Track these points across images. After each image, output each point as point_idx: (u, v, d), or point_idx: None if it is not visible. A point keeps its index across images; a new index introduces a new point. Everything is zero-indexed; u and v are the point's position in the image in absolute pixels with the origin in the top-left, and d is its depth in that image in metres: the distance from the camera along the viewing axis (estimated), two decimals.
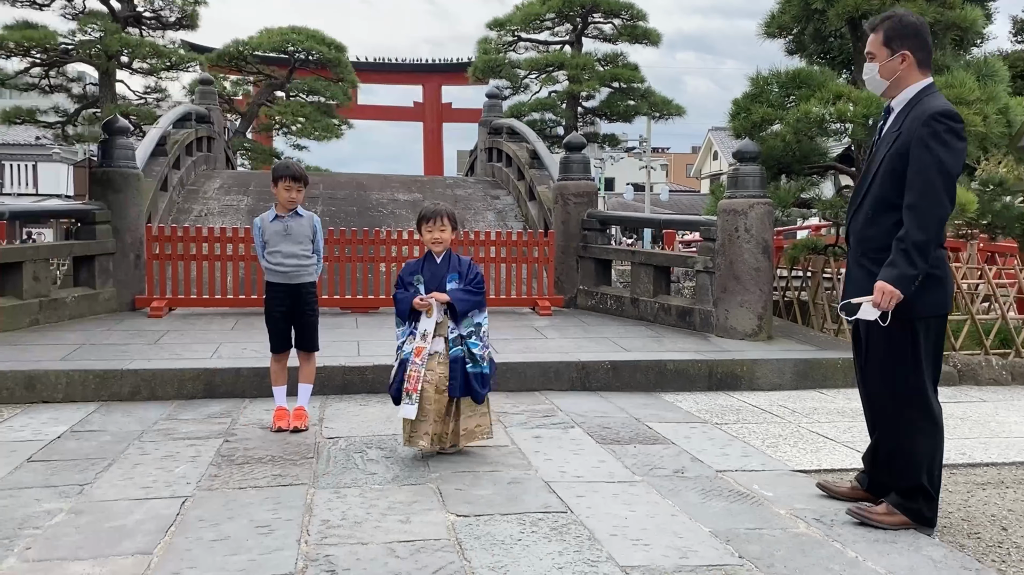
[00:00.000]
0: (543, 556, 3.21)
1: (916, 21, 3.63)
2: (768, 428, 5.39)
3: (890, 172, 3.51)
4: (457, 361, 4.47)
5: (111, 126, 9.35)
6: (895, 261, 3.40)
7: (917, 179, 3.40)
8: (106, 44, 19.24)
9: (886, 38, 3.60)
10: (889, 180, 3.51)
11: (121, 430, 5.07)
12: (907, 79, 3.59)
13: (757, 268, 7.74)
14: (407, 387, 4.41)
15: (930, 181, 3.38)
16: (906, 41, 3.57)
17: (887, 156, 3.54)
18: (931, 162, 3.38)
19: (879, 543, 3.42)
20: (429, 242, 4.63)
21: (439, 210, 4.62)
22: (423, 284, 4.55)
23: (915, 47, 3.57)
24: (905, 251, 3.38)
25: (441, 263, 4.62)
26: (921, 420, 3.54)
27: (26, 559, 3.16)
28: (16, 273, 7.77)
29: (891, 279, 3.40)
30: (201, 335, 7.59)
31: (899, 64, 3.58)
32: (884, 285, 3.41)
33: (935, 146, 3.39)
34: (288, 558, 3.17)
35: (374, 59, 37.88)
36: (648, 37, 20.89)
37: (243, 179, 13.99)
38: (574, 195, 10.20)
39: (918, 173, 3.40)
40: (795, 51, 10.09)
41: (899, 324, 3.47)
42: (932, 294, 3.48)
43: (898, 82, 3.61)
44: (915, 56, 3.57)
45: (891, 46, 3.59)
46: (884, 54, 3.61)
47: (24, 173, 40.69)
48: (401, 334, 4.61)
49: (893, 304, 3.41)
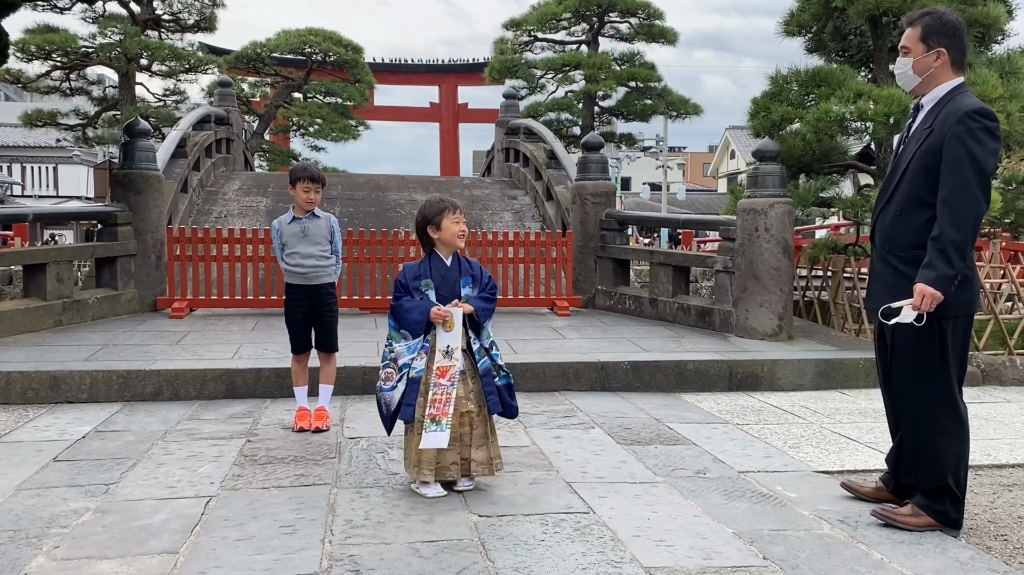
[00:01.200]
0: (566, 557, 3.21)
1: (955, 20, 3.59)
2: (790, 429, 5.36)
3: (921, 169, 3.48)
4: (488, 374, 3.98)
5: (132, 128, 9.43)
6: (932, 262, 3.35)
7: (952, 176, 3.37)
8: (126, 47, 19.41)
9: (924, 33, 3.57)
10: (922, 177, 3.47)
11: (145, 430, 5.12)
12: (940, 77, 3.56)
13: (777, 268, 7.70)
14: (433, 412, 3.79)
15: (965, 178, 3.35)
16: (944, 39, 3.54)
17: (917, 153, 3.51)
18: (966, 159, 3.35)
19: (905, 545, 3.39)
20: (456, 235, 3.99)
21: (455, 202, 4.07)
22: (433, 290, 3.96)
23: (951, 46, 3.54)
24: (942, 250, 3.34)
25: (452, 265, 4.03)
26: (947, 420, 3.51)
27: (55, 558, 3.19)
28: (40, 275, 7.86)
29: (930, 281, 3.35)
30: (222, 336, 7.64)
31: (933, 61, 3.55)
32: (924, 287, 3.36)
33: (970, 143, 3.35)
34: (313, 558, 3.19)
35: (391, 60, 38.00)
36: (665, 36, 20.83)
37: (262, 180, 14.07)
38: (592, 195, 10.19)
39: (953, 171, 3.37)
40: (814, 49, 10.03)
41: (926, 323, 3.44)
42: (961, 293, 3.44)
43: (930, 79, 3.58)
44: (950, 55, 3.54)
45: (928, 42, 3.55)
46: (920, 50, 3.57)
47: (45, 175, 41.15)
48: (408, 350, 3.91)
49: (934, 306, 3.37)
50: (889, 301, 3.51)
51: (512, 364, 6.45)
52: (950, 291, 3.36)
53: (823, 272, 9.87)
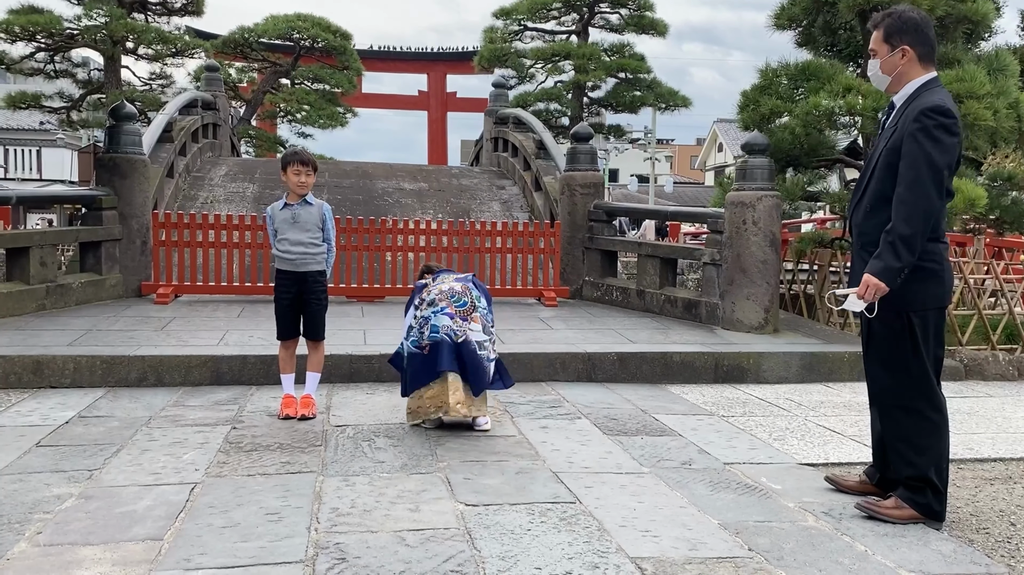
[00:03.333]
0: (553, 546, 3.22)
1: (916, 16, 3.65)
2: (775, 421, 5.39)
3: (886, 167, 3.56)
4: None
5: (118, 112, 9.34)
6: (881, 254, 3.46)
7: (907, 173, 3.46)
8: (111, 29, 19.18)
9: (886, 34, 3.64)
10: (886, 174, 3.56)
11: (129, 416, 5.08)
12: (908, 74, 3.62)
13: (764, 261, 7.72)
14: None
15: (918, 175, 3.43)
16: (905, 36, 3.60)
17: (884, 150, 3.60)
18: (920, 157, 3.43)
19: (888, 537, 3.42)
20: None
21: None
22: None
23: (915, 42, 3.60)
24: (891, 244, 3.43)
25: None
26: (927, 410, 3.57)
27: (37, 543, 3.17)
28: (23, 258, 7.77)
29: (876, 271, 3.46)
30: (207, 322, 7.59)
31: (899, 60, 3.61)
32: (869, 278, 3.47)
33: (924, 141, 3.43)
34: (298, 545, 3.18)
35: (379, 47, 37.81)
36: (655, 27, 20.82)
37: (249, 166, 13.97)
38: (581, 186, 10.18)
39: (908, 167, 3.45)
40: (804, 44, 10.03)
41: (896, 317, 3.53)
42: (929, 287, 3.53)
43: (899, 77, 3.64)
44: (916, 51, 3.60)
45: (891, 42, 3.63)
46: (885, 50, 3.65)
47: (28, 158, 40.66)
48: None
49: (877, 296, 3.47)
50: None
51: (499, 354, 6.47)
52: (895, 283, 3.45)
53: (809, 266, 9.92)
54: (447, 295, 4.88)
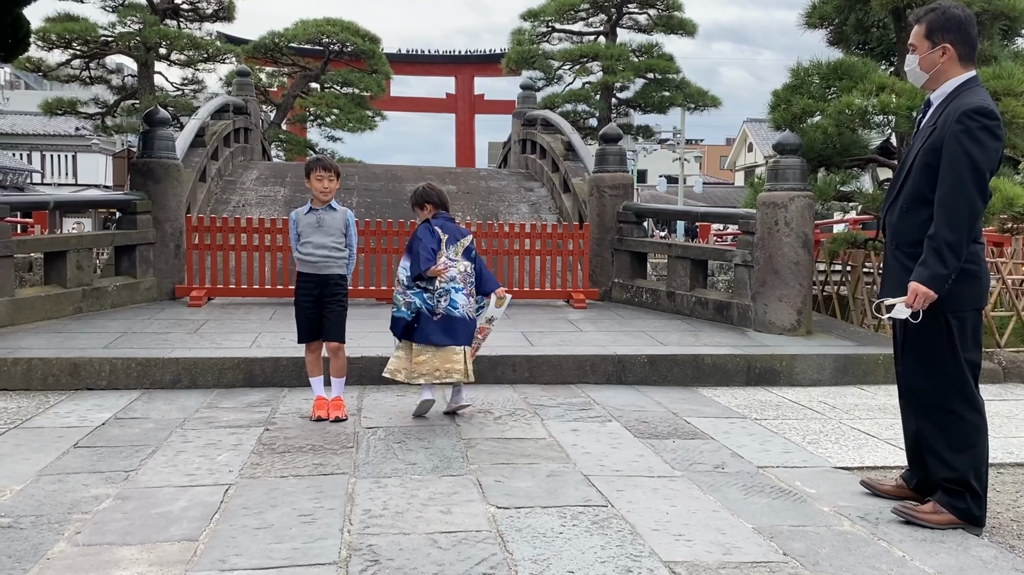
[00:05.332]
0: (585, 550, 3.20)
1: (961, 14, 3.57)
2: (808, 424, 5.33)
3: (924, 167, 3.50)
4: None
5: (152, 117, 9.47)
6: (927, 261, 3.39)
7: (948, 175, 3.39)
8: (145, 36, 19.50)
9: (928, 30, 3.56)
10: (923, 174, 3.50)
11: (163, 417, 5.15)
12: (948, 72, 3.55)
13: (797, 262, 7.64)
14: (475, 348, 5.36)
15: (961, 178, 3.36)
16: (948, 34, 3.53)
17: (921, 150, 3.53)
18: (963, 159, 3.36)
19: (927, 542, 3.37)
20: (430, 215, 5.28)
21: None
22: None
23: (957, 40, 3.52)
24: (936, 250, 3.37)
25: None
26: (965, 411, 3.51)
27: (76, 543, 3.21)
28: (60, 262, 7.91)
29: (923, 279, 3.39)
30: (240, 324, 7.67)
31: (940, 57, 3.54)
32: (917, 286, 3.40)
33: (967, 143, 3.36)
34: (331, 547, 3.19)
35: (408, 50, 37.98)
36: (684, 27, 20.72)
37: (280, 170, 14.10)
38: (610, 187, 10.15)
39: (949, 169, 3.38)
40: (836, 42, 9.92)
41: (933, 318, 3.47)
42: (966, 288, 3.47)
43: (938, 75, 3.57)
44: (957, 49, 3.53)
45: (933, 39, 3.55)
46: (925, 47, 3.57)
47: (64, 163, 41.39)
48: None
49: (926, 304, 3.41)
50: (900, 295, 3.52)
51: (528, 356, 6.48)
52: (943, 290, 3.39)
53: (842, 267, 9.80)
54: (464, 275, 5.24)
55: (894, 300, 3.53)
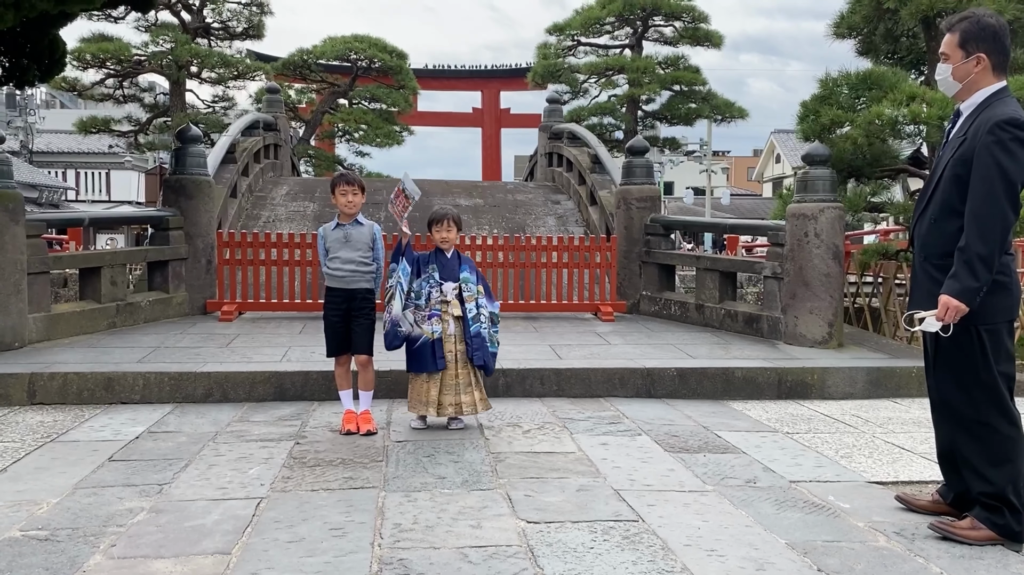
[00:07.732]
0: (616, 565, 3.19)
1: (995, 23, 3.52)
2: (841, 438, 5.27)
3: (954, 178, 3.46)
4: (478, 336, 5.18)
5: (184, 135, 9.61)
6: (958, 274, 3.35)
7: (980, 187, 3.34)
8: (176, 55, 19.84)
9: (962, 39, 3.52)
10: (953, 186, 3.46)
11: (196, 431, 5.20)
12: (980, 83, 3.51)
13: (827, 274, 7.57)
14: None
15: (992, 190, 3.32)
16: (983, 44, 3.48)
17: (951, 161, 3.49)
18: (995, 170, 3.32)
19: (964, 559, 3.31)
20: (438, 241, 5.36)
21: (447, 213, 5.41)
22: (438, 272, 5.30)
23: (991, 50, 3.48)
24: (968, 263, 3.32)
25: (452, 257, 5.41)
26: (1001, 424, 3.46)
27: (111, 556, 3.25)
28: (95, 278, 8.04)
29: (955, 292, 3.34)
30: (270, 339, 7.74)
31: (973, 67, 3.50)
32: (948, 299, 3.36)
33: (999, 154, 3.32)
34: (362, 561, 3.20)
35: (435, 66, 38.26)
36: (710, 39, 20.70)
37: (309, 186, 14.23)
38: (637, 199, 10.13)
39: (981, 181, 3.34)
40: (865, 52, 9.88)
41: (964, 331, 3.42)
42: (998, 300, 3.42)
43: (970, 85, 3.53)
44: (991, 60, 3.48)
45: (967, 48, 3.50)
46: (959, 56, 3.52)
47: (98, 180, 42.15)
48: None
49: (957, 318, 3.36)
50: (929, 308, 3.48)
51: (557, 370, 6.47)
52: (975, 303, 3.34)
53: (873, 278, 9.69)
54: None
55: (925, 313, 3.49)
